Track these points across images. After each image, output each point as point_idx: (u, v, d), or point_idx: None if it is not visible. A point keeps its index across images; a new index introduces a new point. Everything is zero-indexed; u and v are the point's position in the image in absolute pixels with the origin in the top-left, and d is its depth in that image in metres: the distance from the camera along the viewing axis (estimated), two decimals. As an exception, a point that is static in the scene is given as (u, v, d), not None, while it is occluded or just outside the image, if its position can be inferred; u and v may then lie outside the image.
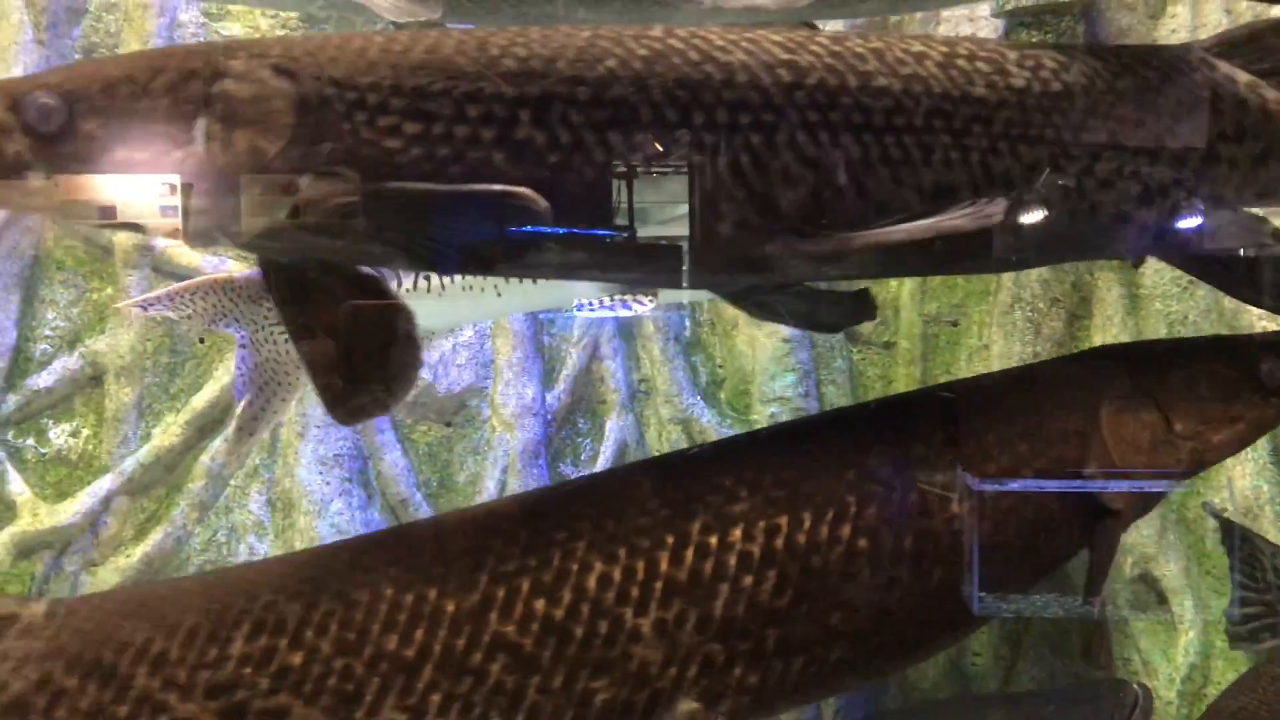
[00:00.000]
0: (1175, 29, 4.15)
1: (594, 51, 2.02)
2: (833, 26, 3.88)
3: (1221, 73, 2.35)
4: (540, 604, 1.97)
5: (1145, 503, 2.44)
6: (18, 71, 4.27)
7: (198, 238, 1.94)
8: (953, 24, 4.43)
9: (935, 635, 2.28)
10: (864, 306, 2.43)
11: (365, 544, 2.33)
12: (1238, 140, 2.30)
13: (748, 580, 2.02)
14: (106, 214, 1.96)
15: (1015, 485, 2.22)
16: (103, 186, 1.96)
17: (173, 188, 1.94)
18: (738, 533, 2.05)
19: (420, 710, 1.91)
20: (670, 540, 2.03)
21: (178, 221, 1.94)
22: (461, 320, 4.35)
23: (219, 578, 2.28)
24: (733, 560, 2.04)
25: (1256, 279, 2.38)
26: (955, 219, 1.98)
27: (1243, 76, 2.33)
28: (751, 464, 2.18)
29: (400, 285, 3.13)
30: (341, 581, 2.00)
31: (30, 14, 4.32)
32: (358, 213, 1.87)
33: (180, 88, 1.89)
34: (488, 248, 1.97)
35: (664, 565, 2.01)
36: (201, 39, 4.50)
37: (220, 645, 1.91)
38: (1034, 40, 4.33)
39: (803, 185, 2.01)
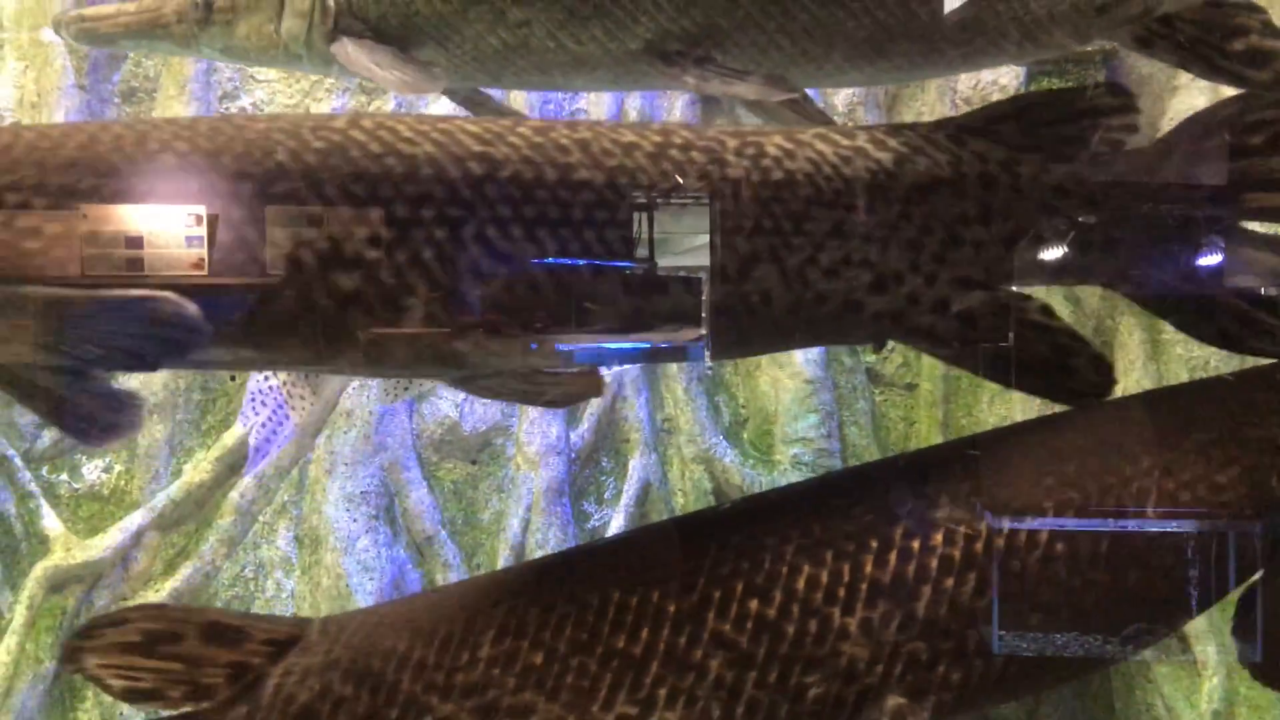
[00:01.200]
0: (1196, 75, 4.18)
1: (265, 144, 1.97)
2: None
3: (971, 150, 2.23)
4: (754, 604, 2.06)
5: None
6: (59, 117, 4.38)
7: None
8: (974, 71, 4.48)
9: (1136, 636, 2.30)
10: (591, 384, 2.36)
11: (591, 551, 2.53)
12: (983, 222, 2.19)
13: (949, 582, 2.09)
14: (134, 244, 1.99)
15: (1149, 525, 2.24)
16: (129, 217, 2.01)
17: (199, 218, 1.98)
18: (939, 537, 2.12)
19: (649, 703, 2.03)
20: (874, 544, 2.12)
21: (203, 252, 1.97)
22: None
23: (465, 588, 2.44)
24: (934, 563, 2.11)
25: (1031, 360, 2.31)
26: (635, 338, 1.96)
27: (996, 154, 2.21)
28: (952, 472, 2.25)
29: None
30: (573, 586, 2.14)
31: (73, 60, 4.44)
32: None
33: None
34: (143, 349, 1.93)
35: (868, 568, 2.09)
36: (237, 84, 4.60)
37: (471, 649, 2.07)
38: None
39: (495, 281, 1.96)
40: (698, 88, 2.38)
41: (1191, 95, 4.18)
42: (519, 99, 4.28)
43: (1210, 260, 2.22)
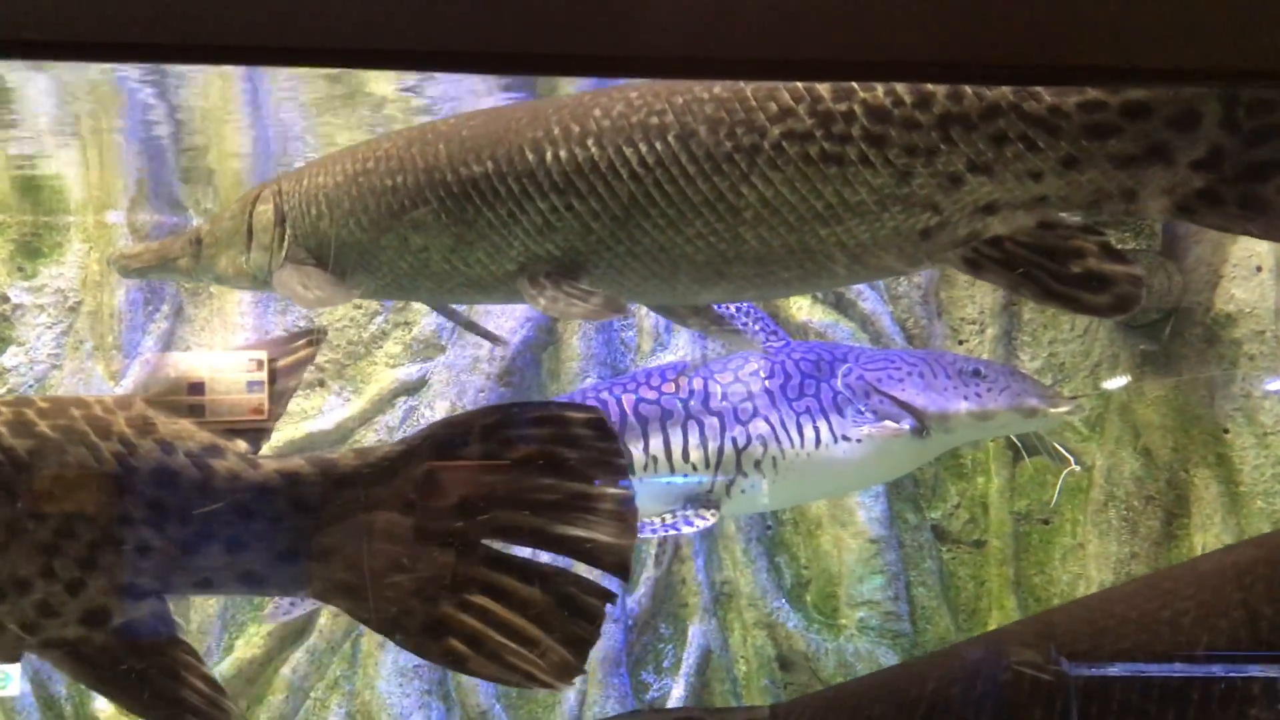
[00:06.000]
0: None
1: None
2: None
3: (161, 435, 2.01)
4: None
5: None
6: (120, 295, 4.49)
7: None
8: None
9: None
10: None
11: (1002, 635, 2.67)
12: (155, 526, 1.96)
13: None
14: (195, 390, 2.00)
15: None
16: (191, 363, 2.03)
17: (259, 363, 1.97)
18: None
19: None
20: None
21: (264, 397, 1.96)
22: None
23: (895, 674, 2.68)
24: None
25: None
26: None
27: (194, 443, 2.01)
28: None
29: None
30: (988, 668, 2.27)
31: (134, 239, 4.57)
32: None
33: None
34: None
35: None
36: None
37: None
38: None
39: None
40: (548, 309, 2.50)
41: (1252, 242, 4.10)
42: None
43: (431, 574, 2.02)
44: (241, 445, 2.03)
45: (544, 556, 2.08)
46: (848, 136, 2.15)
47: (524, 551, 2.12)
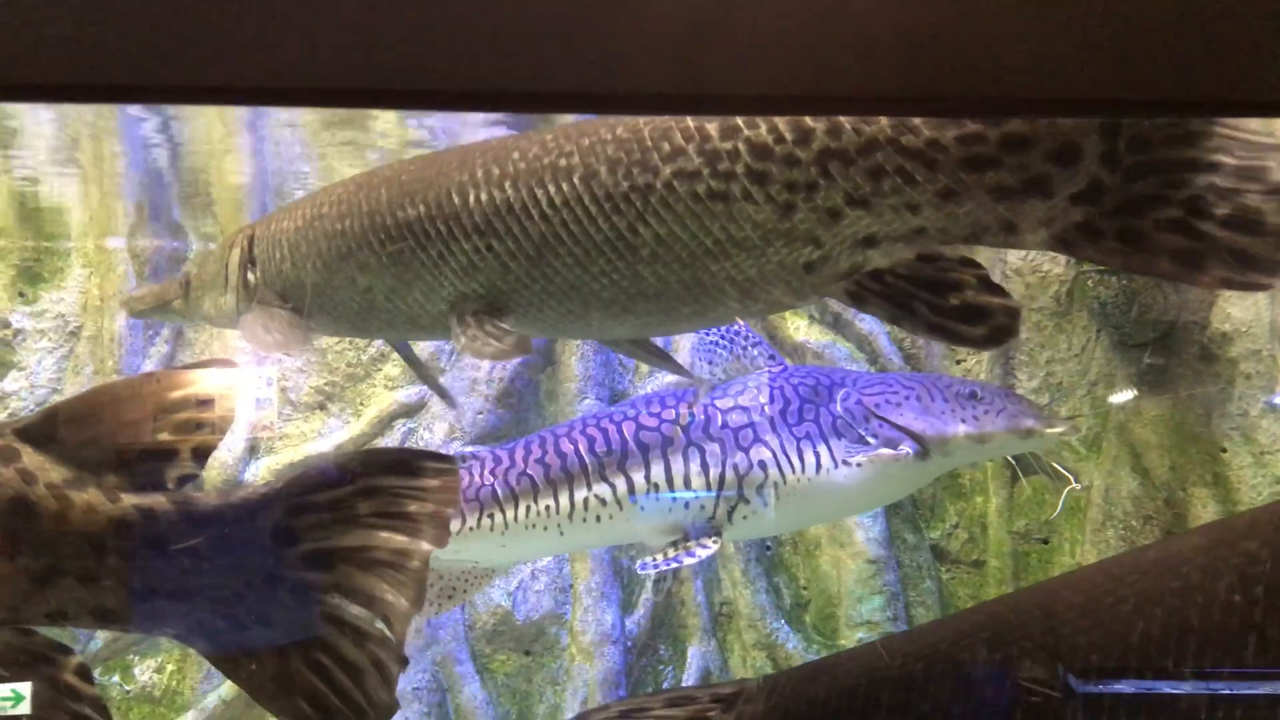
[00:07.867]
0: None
1: None
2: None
3: (24, 465, 1.96)
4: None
5: None
6: (120, 320, 4.50)
7: None
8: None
9: None
10: None
11: (974, 614, 2.73)
12: (8, 556, 1.93)
13: None
14: (205, 406, 2.03)
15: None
16: (201, 380, 2.06)
17: (268, 381, 1.97)
18: None
19: None
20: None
21: (272, 414, 1.96)
22: (525, 557, 4.35)
23: (869, 648, 2.69)
24: None
25: None
26: None
27: (56, 474, 1.98)
28: None
29: (464, 523, 3.27)
30: (958, 650, 2.32)
31: (134, 265, 4.58)
32: None
33: None
34: None
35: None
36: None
37: (873, 701, 2.29)
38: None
39: None
40: (466, 347, 2.56)
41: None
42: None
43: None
44: (112, 479, 2.00)
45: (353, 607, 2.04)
46: (732, 174, 2.19)
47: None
